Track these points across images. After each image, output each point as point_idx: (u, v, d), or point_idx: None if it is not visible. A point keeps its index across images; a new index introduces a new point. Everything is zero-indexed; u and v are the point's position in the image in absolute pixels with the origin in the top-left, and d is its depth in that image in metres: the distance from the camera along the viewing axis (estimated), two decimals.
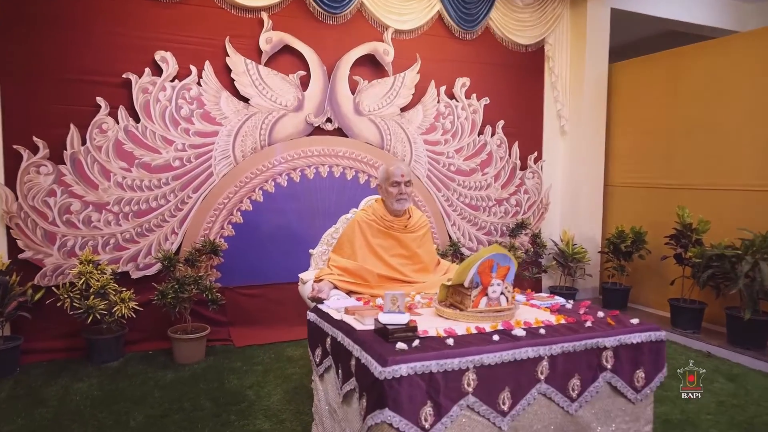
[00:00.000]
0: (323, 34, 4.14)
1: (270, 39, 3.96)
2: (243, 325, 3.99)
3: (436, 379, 1.60)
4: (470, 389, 1.65)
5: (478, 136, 4.75)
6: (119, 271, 3.60)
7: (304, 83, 4.11)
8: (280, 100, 4.04)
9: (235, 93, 3.91)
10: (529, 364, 1.74)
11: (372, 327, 1.87)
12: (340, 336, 1.95)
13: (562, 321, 1.99)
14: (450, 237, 4.69)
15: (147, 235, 3.71)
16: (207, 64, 3.80)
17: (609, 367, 1.86)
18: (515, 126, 4.92)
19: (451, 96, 4.64)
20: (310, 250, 3.17)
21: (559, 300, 2.32)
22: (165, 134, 3.72)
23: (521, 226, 4.81)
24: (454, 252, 4.56)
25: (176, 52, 3.70)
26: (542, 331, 1.85)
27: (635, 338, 1.91)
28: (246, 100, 3.94)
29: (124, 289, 3.37)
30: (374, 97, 4.32)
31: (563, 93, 5.13)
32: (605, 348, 1.86)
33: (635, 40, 5.95)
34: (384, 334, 1.76)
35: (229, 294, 3.97)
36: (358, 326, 1.91)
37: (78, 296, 3.22)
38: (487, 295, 2.00)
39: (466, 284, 2.01)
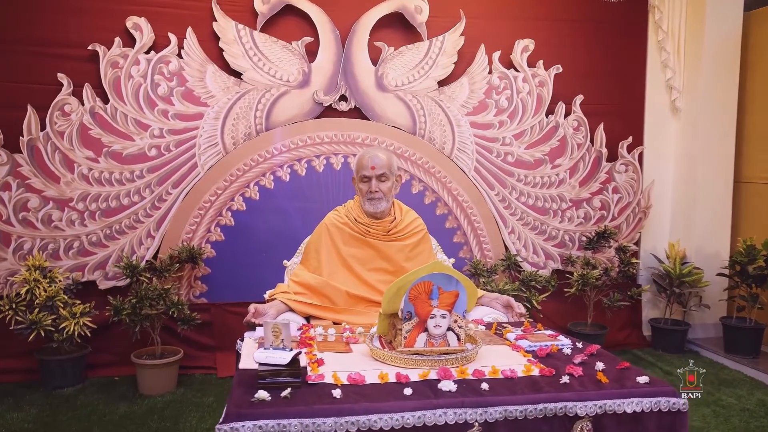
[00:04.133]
0: None
1: None
2: (233, 349, 3.98)
3: None
4: None
5: (547, 116, 4.39)
6: (83, 280, 3.75)
7: (311, 52, 4.03)
8: (281, 74, 4.00)
9: (224, 66, 3.93)
10: None
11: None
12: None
13: (534, 372, 1.71)
14: (507, 248, 4.38)
15: (117, 238, 3.83)
16: (189, 31, 3.84)
17: None
18: (600, 102, 4.49)
19: (509, 64, 4.32)
20: (285, 262, 3.09)
21: (561, 342, 2.02)
22: (139, 117, 3.82)
23: (603, 236, 4.35)
24: (507, 266, 4.24)
25: (152, 17, 3.78)
26: (485, 386, 1.58)
27: (630, 405, 1.57)
28: (238, 74, 3.94)
29: (78, 302, 3.49)
30: (403, 67, 4.15)
31: (675, 56, 4.60)
32: (578, 417, 1.55)
33: None
34: (256, 376, 1.61)
35: (217, 312, 3.99)
36: (242, 363, 1.78)
37: (24, 308, 3.38)
38: (426, 330, 1.77)
39: (400, 314, 1.79)
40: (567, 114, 4.43)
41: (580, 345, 2.01)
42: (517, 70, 4.33)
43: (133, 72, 3.79)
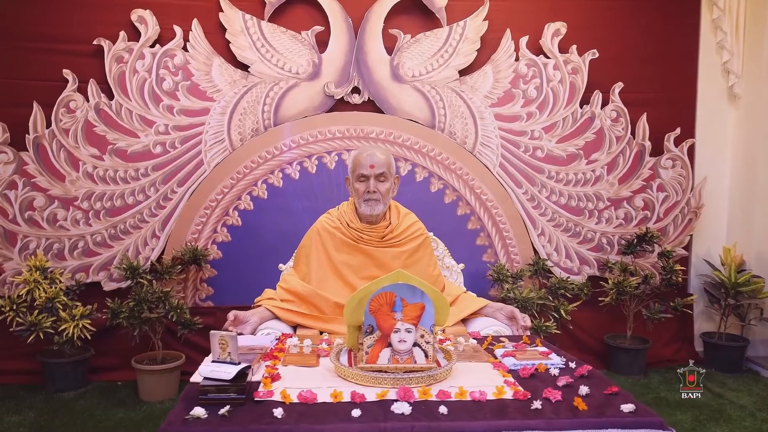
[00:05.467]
0: None
1: None
2: None
3: None
4: None
5: (581, 106, 4.24)
6: (88, 281, 3.86)
7: (322, 42, 4.03)
8: (290, 66, 4.00)
9: (231, 59, 3.97)
10: None
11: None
12: None
13: (507, 394, 1.63)
14: (536, 251, 4.26)
15: (122, 238, 3.92)
16: (195, 23, 3.89)
17: None
18: (643, 90, 4.32)
19: (538, 50, 4.20)
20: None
21: (552, 361, 1.92)
22: (144, 113, 3.90)
23: (644, 239, 4.17)
24: (535, 271, 4.11)
25: (157, 9, 3.85)
26: (443, 409, 1.52)
27: None
28: (245, 67, 3.98)
29: (78, 304, 3.58)
30: (420, 56, 4.09)
31: (733, 36, 4.38)
32: None
33: None
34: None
35: (223, 316, 3.97)
36: (194, 376, 1.78)
37: (24, 310, 3.50)
38: (390, 345, 1.72)
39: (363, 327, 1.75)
40: (604, 104, 4.27)
41: (573, 365, 1.91)
42: (548, 57, 4.19)
43: (137, 66, 3.86)
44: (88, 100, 3.83)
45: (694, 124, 4.46)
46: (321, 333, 2.42)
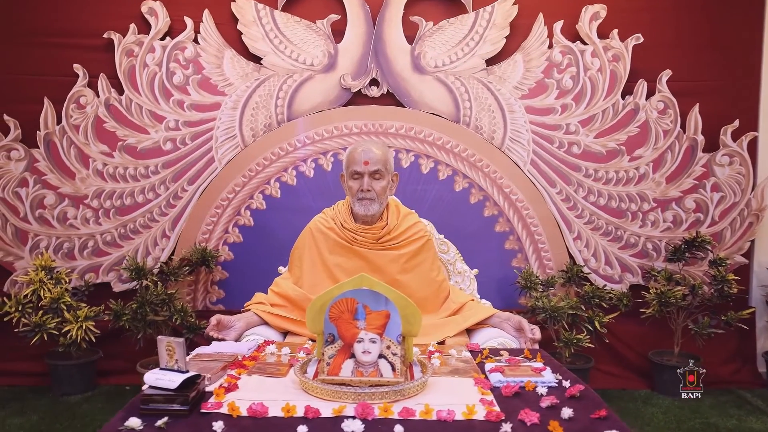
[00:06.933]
0: None
1: None
2: None
3: None
4: None
5: (623, 97, 4.08)
6: (98, 281, 3.95)
7: (338, 32, 4.01)
8: (304, 57, 4.00)
9: (243, 51, 3.99)
10: None
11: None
12: None
13: (478, 415, 1.55)
14: (571, 256, 4.11)
15: (132, 237, 4.00)
16: (206, 13, 3.93)
17: None
18: (695, 78, 4.11)
19: (574, 36, 4.06)
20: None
21: (543, 378, 1.81)
22: (154, 108, 3.96)
23: (693, 244, 3.96)
24: (569, 279, 3.97)
25: (168, 0, 3.90)
26: (400, 429, 1.45)
27: None
28: (257, 59, 3.99)
29: (84, 305, 3.66)
30: (444, 45, 4.02)
31: None
32: None
33: None
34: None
35: None
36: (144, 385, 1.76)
37: (30, 310, 3.60)
38: (353, 356, 1.66)
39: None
40: (650, 94, 4.08)
41: (567, 383, 1.80)
42: (585, 43, 4.05)
43: (148, 60, 3.92)
44: (98, 96, 3.92)
45: (756, 115, 4.21)
46: (311, 340, 2.38)
